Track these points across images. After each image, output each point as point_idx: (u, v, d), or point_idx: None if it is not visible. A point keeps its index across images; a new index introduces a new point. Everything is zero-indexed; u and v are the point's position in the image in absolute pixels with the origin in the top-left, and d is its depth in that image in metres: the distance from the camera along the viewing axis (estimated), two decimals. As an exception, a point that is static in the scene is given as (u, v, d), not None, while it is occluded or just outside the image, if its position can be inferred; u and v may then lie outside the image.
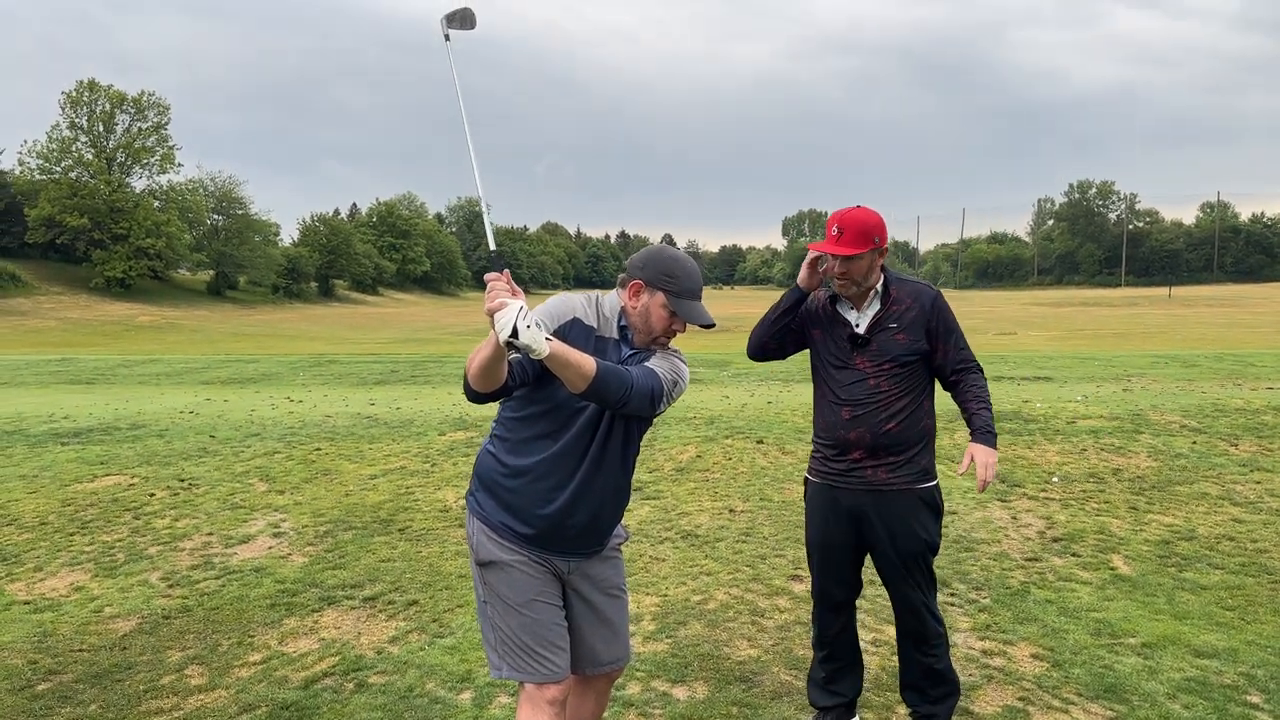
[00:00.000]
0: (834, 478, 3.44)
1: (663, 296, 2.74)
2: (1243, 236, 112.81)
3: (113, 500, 7.45)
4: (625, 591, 2.99)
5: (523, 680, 2.72)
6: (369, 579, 5.54)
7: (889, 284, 3.38)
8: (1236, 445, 9.06)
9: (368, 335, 37.21)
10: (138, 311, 51.06)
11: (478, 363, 2.50)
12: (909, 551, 3.36)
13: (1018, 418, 10.82)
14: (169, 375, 18.98)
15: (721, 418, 11.28)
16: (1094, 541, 6.13)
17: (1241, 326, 33.34)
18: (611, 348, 2.75)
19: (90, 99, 61.36)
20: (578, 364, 2.46)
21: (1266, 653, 4.29)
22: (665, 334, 2.79)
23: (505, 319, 2.32)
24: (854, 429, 3.34)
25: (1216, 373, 16.21)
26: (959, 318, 3.56)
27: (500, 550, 2.73)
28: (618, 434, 2.75)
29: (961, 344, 3.41)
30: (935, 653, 3.45)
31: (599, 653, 2.92)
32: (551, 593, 2.77)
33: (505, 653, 2.72)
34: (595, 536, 2.82)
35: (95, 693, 4.03)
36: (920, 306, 3.35)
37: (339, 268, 79.41)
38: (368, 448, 9.58)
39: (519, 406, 2.74)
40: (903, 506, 3.35)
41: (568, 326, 2.69)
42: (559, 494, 2.70)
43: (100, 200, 57.90)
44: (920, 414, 3.37)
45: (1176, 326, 34.03)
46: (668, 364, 2.76)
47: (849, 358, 3.36)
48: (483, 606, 2.81)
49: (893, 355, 3.31)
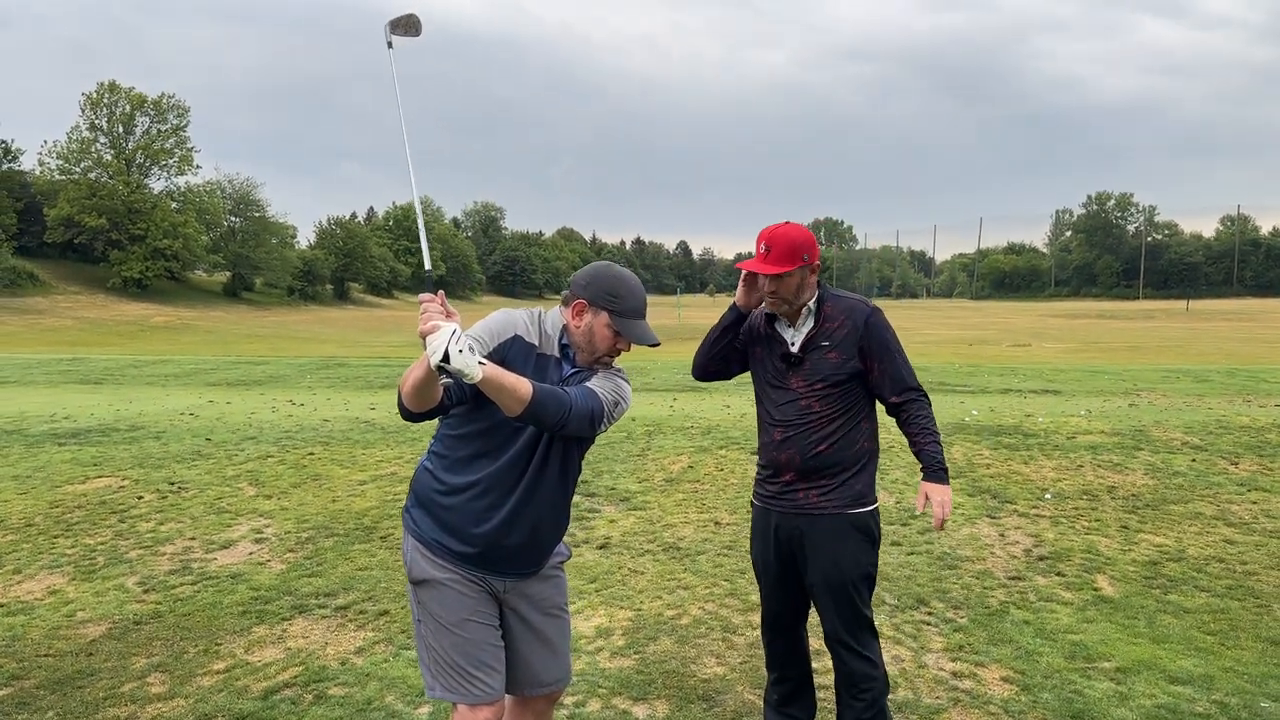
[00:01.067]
0: (769, 500, 3.36)
1: (607, 316, 2.70)
2: (1263, 250, 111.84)
3: (100, 502, 7.46)
4: (566, 611, 2.95)
5: (455, 701, 2.68)
6: (343, 587, 5.52)
7: (823, 301, 3.27)
8: (1237, 464, 8.93)
9: (379, 339, 37.31)
10: (153, 312, 51.39)
11: (411, 383, 2.47)
12: (836, 581, 3.22)
13: (1018, 432, 10.71)
14: (177, 376, 19.07)
15: (719, 427, 11.22)
16: (1080, 561, 6.04)
17: (1259, 341, 32.99)
18: (553, 366, 2.71)
19: (110, 100, 61.87)
20: (512, 388, 2.42)
21: (1243, 680, 4.20)
22: (609, 353, 2.75)
23: (437, 343, 2.29)
24: (784, 450, 3.25)
25: (1227, 388, 16.03)
26: (974, 329, 3.50)
27: (434, 568, 2.69)
28: (557, 454, 2.71)
29: (901, 366, 3.25)
30: (863, 698, 3.23)
31: (538, 673, 2.87)
32: (486, 612, 2.73)
33: (439, 672, 2.69)
34: (533, 556, 2.78)
35: (54, 699, 4.02)
36: (853, 324, 3.21)
37: (354, 270, 79.75)
38: (361, 453, 9.57)
39: (457, 424, 2.71)
40: (833, 532, 3.22)
41: (508, 344, 2.66)
42: (495, 513, 2.66)
43: (118, 201, 58.31)
44: (856, 436, 3.25)
45: (1192, 340, 33.71)
46: (609, 384, 2.72)
47: (784, 377, 3.28)
48: (417, 625, 2.77)
49: (824, 375, 3.20)
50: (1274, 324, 46.16)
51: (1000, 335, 36.66)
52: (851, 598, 3.24)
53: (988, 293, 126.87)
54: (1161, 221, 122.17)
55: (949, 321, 49.11)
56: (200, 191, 66.71)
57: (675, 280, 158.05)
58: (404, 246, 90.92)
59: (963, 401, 14.03)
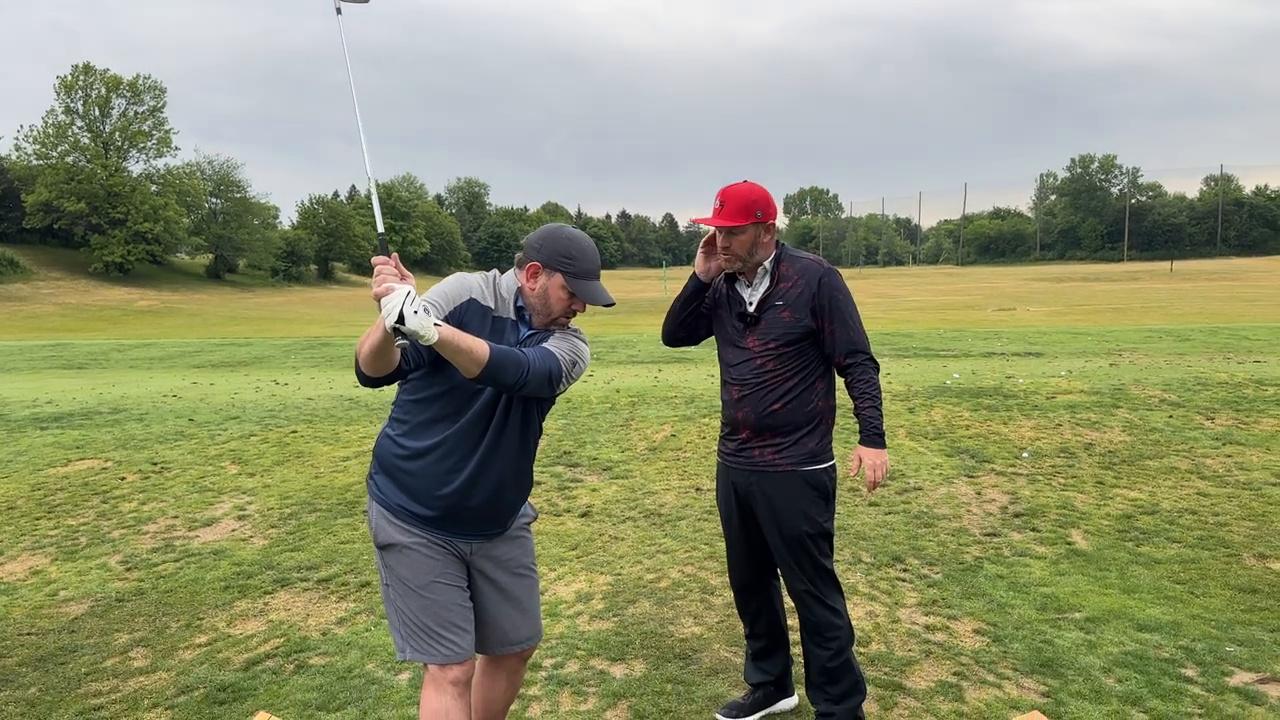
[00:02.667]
0: (728, 457, 3.41)
1: (561, 278, 2.71)
2: (1246, 210, 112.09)
3: (83, 484, 7.47)
4: (534, 570, 2.98)
5: (425, 662, 2.72)
6: (325, 560, 5.55)
7: (780, 261, 3.29)
8: (1213, 419, 9.03)
9: (366, 318, 37.18)
10: (136, 296, 51.06)
11: (368, 347, 2.48)
12: (792, 536, 3.27)
13: (998, 394, 10.79)
14: (161, 359, 19.01)
15: (703, 397, 11.26)
16: (1055, 516, 6.12)
17: (1242, 300, 33.16)
18: (509, 328, 2.73)
19: (86, 83, 61.09)
20: (469, 349, 2.43)
21: (1209, 626, 4.28)
22: (565, 315, 2.77)
23: (391, 304, 2.28)
24: (740, 409, 3.29)
25: (1209, 347, 16.16)
26: (960, 294, 3.51)
27: (398, 533, 2.72)
28: (516, 414, 2.73)
29: (852, 329, 3.25)
30: (830, 647, 3.30)
31: (508, 632, 2.91)
32: (453, 574, 2.76)
33: (408, 635, 2.72)
34: (496, 518, 2.81)
35: (36, 675, 4.05)
36: (807, 284, 3.24)
37: (338, 250, 79.22)
38: (344, 430, 9.58)
39: (416, 389, 2.72)
40: (787, 488, 3.26)
41: (463, 308, 2.67)
42: (456, 476, 2.69)
43: (97, 185, 57.73)
44: (811, 396, 3.27)
45: (1175, 301, 33.86)
46: (566, 344, 2.74)
47: (741, 336, 3.31)
48: (385, 590, 2.79)
49: (777, 335, 3.23)
50: (1257, 283, 46.41)
51: (986, 300, 36.76)
52: (809, 550, 3.29)
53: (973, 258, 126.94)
54: (1146, 183, 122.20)
55: (935, 288, 49.20)
56: (180, 173, 66.01)
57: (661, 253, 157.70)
58: (387, 225, 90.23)
59: (945, 365, 14.11)
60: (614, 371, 14.53)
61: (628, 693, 3.77)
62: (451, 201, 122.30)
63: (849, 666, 3.33)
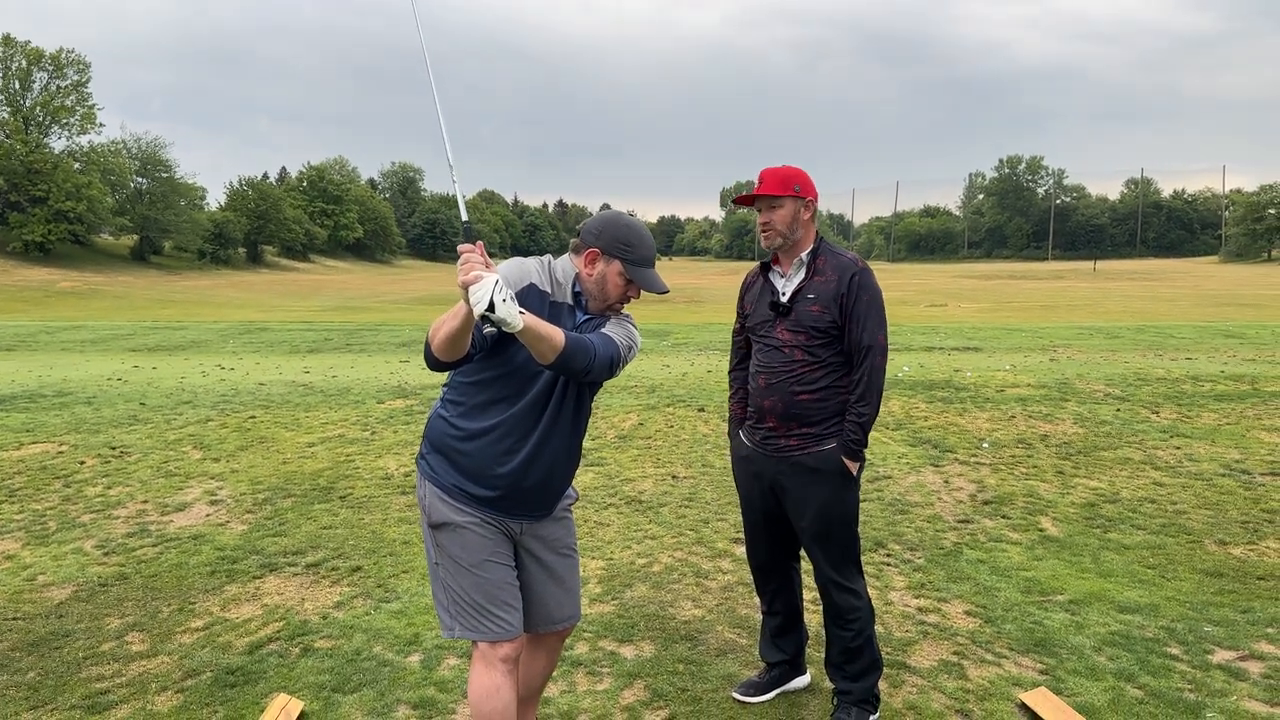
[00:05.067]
0: (754, 444, 3.47)
1: (619, 265, 2.75)
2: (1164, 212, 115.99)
3: (41, 468, 7.26)
4: (576, 551, 3.03)
5: (476, 639, 2.74)
6: (310, 546, 5.50)
7: (817, 254, 3.35)
8: (1158, 413, 9.40)
9: (299, 303, 36.50)
10: (59, 277, 49.33)
11: (445, 333, 2.49)
12: (819, 525, 3.34)
13: (949, 386, 11.08)
14: (94, 342, 18.47)
15: (663, 386, 11.36)
16: (1023, 504, 6.33)
17: (1161, 300, 34.38)
18: (566, 313, 2.76)
19: (6, 55, 58.83)
20: (549, 336, 2.47)
21: (1185, 608, 4.50)
22: (620, 301, 2.81)
23: (481, 293, 2.29)
24: (768, 397, 3.35)
25: (1138, 344, 16.76)
26: (892, 289, 3.58)
27: (452, 512, 2.74)
28: (571, 396, 2.77)
29: (865, 330, 3.25)
30: (851, 628, 3.37)
31: (552, 610, 2.95)
32: (504, 553, 2.79)
33: (458, 613, 2.74)
34: (549, 498, 2.84)
35: (33, 660, 3.96)
36: (839, 280, 3.28)
37: (268, 233, 77.41)
38: (304, 415, 9.46)
39: (472, 372, 2.73)
40: (814, 477, 3.32)
41: (524, 292, 2.68)
42: (514, 456, 2.71)
43: (16, 161, 55.59)
44: (838, 387, 3.31)
45: (1100, 299, 34.96)
46: (623, 330, 2.78)
47: (772, 326, 3.37)
48: (434, 569, 2.81)
49: (806, 327, 3.28)
50: (1175, 283, 48.11)
51: (918, 296, 37.49)
52: (837, 538, 3.36)
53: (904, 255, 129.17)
54: (1070, 184, 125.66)
55: (869, 283, 49.96)
56: (104, 151, 63.90)
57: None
58: (319, 209, 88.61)
59: (892, 358, 14.41)
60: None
61: (642, 672, 3.83)
62: (385, 186, 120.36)
63: (869, 645, 3.42)
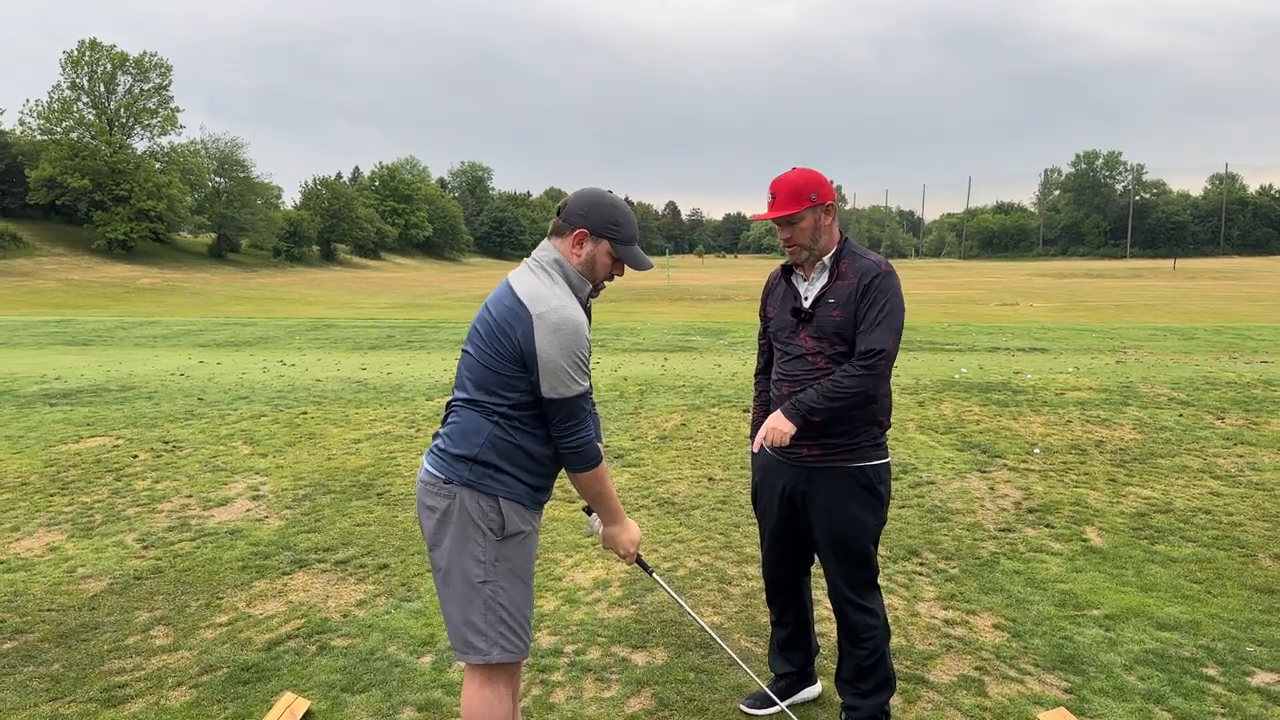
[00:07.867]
0: (776, 453, 3.32)
1: (607, 244, 2.70)
2: (1250, 209, 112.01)
3: (95, 461, 7.47)
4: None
5: (508, 661, 2.68)
6: (342, 542, 5.56)
7: (841, 257, 3.21)
8: (1223, 419, 9.04)
9: (368, 300, 37.14)
10: (139, 274, 50.98)
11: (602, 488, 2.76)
12: (838, 535, 3.22)
13: (1006, 389, 10.80)
14: (166, 338, 19.01)
15: (711, 386, 11.28)
16: (1069, 513, 6.13)
17: (1244, 299, 33.16)
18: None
19: (92, 59, 60.87)
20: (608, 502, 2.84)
21: (1228, 626, 4.29)
22: (606, 278, 2.78)
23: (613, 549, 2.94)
24: None
25: (1214, 346, 16.16)
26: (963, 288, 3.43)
27: (522, 521, 2.70)
28: None
29: (874, 332, 3.08)
30: (865, 647, 3.26)
31: None
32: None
33: (503, 633, 2.65)
34: None
35: (59, 652, 4.06)
36: (859, 281, 3.13)
37: (341, 231, 79.09)
38: (354, 412, 9.59)
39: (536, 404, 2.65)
40: (838, 487, 3.20)
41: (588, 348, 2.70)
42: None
43: (101, 161, 57.61)
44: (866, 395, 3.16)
45: (1179, 299, 33.85)
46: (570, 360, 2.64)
47: (794, 332, 3.25)
48: (477, 589, 2.64)
49: (828, 333, 3.15)
50: (1259, 282, 46.37)
51: (988, 294, 36.74)
52: (855, 554, 3.24)
53: (976, 252, 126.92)
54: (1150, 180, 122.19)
55: (938, 281, 49.12)
56: (184, 151, 65.89)
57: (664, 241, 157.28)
58: (390, 208, 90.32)
59: (952, 359, 14.12)
60: (620, 359, 14.53)
61: (650, 680, 3.78)
62: (454, 185, 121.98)
63: (882, 663, 3.30)
